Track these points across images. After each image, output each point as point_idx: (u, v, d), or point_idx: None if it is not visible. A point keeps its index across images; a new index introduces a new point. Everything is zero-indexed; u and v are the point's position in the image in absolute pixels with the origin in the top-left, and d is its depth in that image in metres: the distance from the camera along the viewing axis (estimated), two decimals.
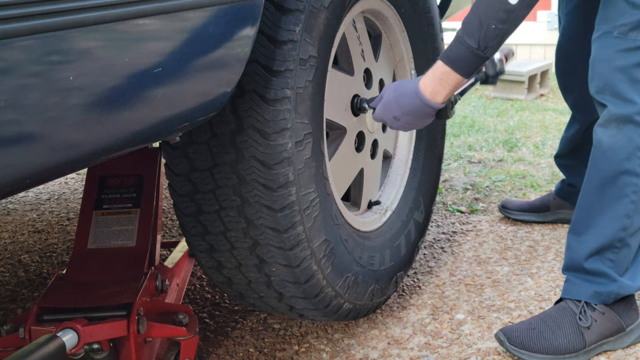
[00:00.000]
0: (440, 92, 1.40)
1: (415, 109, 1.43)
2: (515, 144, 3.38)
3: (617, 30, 1.44)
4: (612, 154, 1.47)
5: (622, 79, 1.44)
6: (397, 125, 1.47)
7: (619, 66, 1.44)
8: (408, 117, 1.44)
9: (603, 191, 1.50)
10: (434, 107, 1.41)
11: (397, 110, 1.45)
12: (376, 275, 1.56)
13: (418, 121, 1.46)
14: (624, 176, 1.47)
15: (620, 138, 1.46)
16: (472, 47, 1.32)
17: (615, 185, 1.48)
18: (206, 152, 1.28)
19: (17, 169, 0.78)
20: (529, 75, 4.61)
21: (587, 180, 1.53)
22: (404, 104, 1.43)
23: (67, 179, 3.07)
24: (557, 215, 2.29)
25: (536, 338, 1.50)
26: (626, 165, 1.46)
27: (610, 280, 1.53)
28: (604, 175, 1.49)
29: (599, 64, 1.47)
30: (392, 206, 1.75)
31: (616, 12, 1.44)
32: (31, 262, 2.16)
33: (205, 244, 1.38)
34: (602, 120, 1.48)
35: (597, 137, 1.50)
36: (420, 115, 1.44)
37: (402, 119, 1.45)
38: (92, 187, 1.50)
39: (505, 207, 2.36)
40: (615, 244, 1.51)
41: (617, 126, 1.46)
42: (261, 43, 1.21)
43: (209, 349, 1.61)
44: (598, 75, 1.48)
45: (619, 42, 1.44)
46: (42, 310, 1.26)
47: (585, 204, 1.54)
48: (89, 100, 0.83)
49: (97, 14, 0.82)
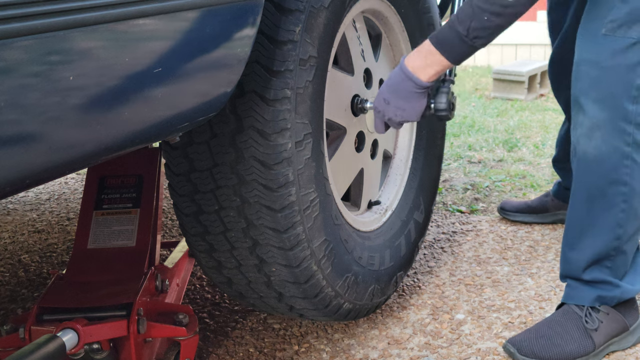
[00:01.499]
0: (422, 68, 1.36)
1: (399, 83, 1.38)
2: (515, 144, 3.38)
3: (605, 27, 1.36)
4: (598, 166, 1.42)
5: (610, 82, 1.37)
6: (389, 111, 1.42)
7: (606, 67, 1.37)
8: (396, 98, 1.40)
9: (592, 204, 1.46)
10: (417, 82, 1.37)
11: (386, 91, 1.41)
12: (376, 275, 1.56)
13: (407, 104, 1.40)
14: (612, 186, 1.42)
15: (606, 149, 1.40)
16: (461, 33, 1.29)
17: (605, 196, 1.44)
18: (206, 152, 1.28)
19: (17, 169, 0.78)
20: (529, 75, 4.61)
21: (574, 192, 1.49)
22: (391, 82, 1.40)
23: (67, 179, 3.07)
24: (557, 216, 2.29)
25: (547, 346, 1.48)
26: (613, 175, 1.41)
27: (612, 287, 1.52)
28: (591, 187, 1.45)
29: (585, 65, 1.40)
30: (392, 206, 1.75)
31: (605, 6, 1.37)
32: (31, 262, 2.16)
33: (205, 244, 1.38)
34: (584, 129, 1.42)
35: (582, 149, 1.43)
36: (406, 93, 1.38)
37: (391, 101, 1.41)
38: (92, 187, 1.50)
39: (503, 209, 2.35)
40: (610, 252, 1.49)
41: (601, 136, 1.39)
42: (261, 43, 1.21)
43: (209, 349, 1.61)
44: (584, 76, 1.41)
45: (607, 41, 1.36)
46: (42, 310, 1.26)
47: (576, 218, 1.51)
48: (89, 100, 0.84)
49: (97, 14, 0.82)
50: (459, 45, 1.31)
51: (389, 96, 1.41)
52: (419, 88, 1.38)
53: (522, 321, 1.69)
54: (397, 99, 1.40)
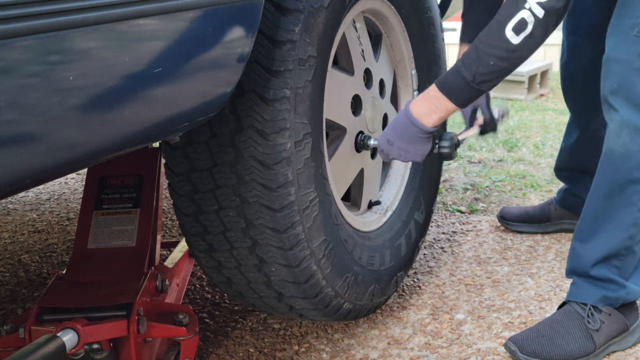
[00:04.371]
0: (427, 114, 1.38)
1: (404, 129, 1.41)
2: (515, 144, 3.38)
3: (638, 27, 1.36)
4: (622, 163, 1.43)
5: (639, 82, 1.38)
6: (393, 151, 1.44)
7: (637, 67, 1.38)
8: (400, 141, 1.42)
9: (611, 199, 1.47)
10: (421, 127, 1.39)
11: (390, 132, 1.44)
12: (376, 276, 1.56)
13: (411, 147, 1.42)
14: (632, 185, 1.44)
15: (632, 147, 1.41)
16: (467, 79, 1.31)
17: (624, 193, 1.45)
18: (206, 152, 1.28)
19: (17, 169, 0.78)
20: (529, 75, 4.61)
21: (594, 187, 1.50)
22: (395, 124, 1.43)
23: (67, 179, 3.07)
24: (560, 226, 2.21)
25: (547, 345, 1.49)
26: (636, 174, 1.43)
27: (618, 287, 1.52)
28: (612, 183, 1.46)
29: (615, 64, 1.41)
30: (392, 206, 1.75)
31: (637, 7, 1.37)
32: (31, 262, 2.16)
33: (205, 244, 1.38)
34: (613, 126, 1.43)
35: (608, 145, 1.45)
36: (410, 137, 1.41)
37: (395, 143, 1.43)
38: (92, 187, 1.50)
39: (503, 218, 2.26)
40: (621, 251, 1.49)
41: (629, 134, 1.41)
42: (260, 43, 1.21)
43: (209, 349, 1.61)
44: (613, 75, 1.42)
45: (638, 42, 1.37)
46: (42, 310, 1.26)
47: (592, 211, 1.52)
48: (89, 101, 0.84)
49: (97, 14, 0.82)
50: (466, 90, 1.33)
51: (394, 138, 1.43)
52: (423, 133, 1.40)
53: (522, 321, 1.69)
54: (401, 142, 1.43)
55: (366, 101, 1.60)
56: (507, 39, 1.26)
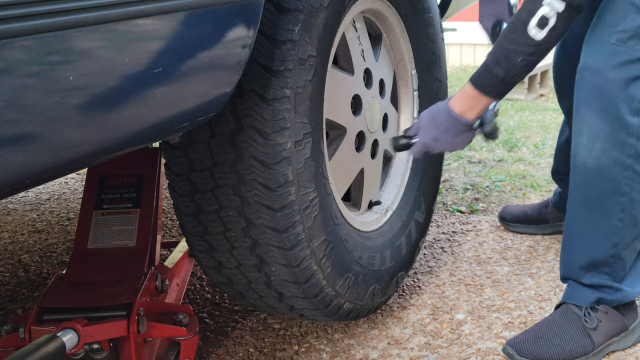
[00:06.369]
0: (470, 109, 1.44)
1: (449, 126, 1.46)
2: (515, 144, 3.38)
3: (616, 36, 1.35)
4: (597, 176, 1.42)
5: (613, 93, 1.36)
6: (440, 146, 1.50)
7: (611, 78, 1.36)
8: (446, 135, 1.48)
9: (590, 212, 1.47)
10: (466, 122, 1.45)
11: (435, 130, 1.48)
12: (377, 275, 1.56)
13: (457, 139, 1.49)
14: (611, 196, 1.42)
15: (606, 160, 1.39)
16: (500, 75, 1.37)
17: (602, 206, 1.44)
18: (206, 152, 1.28)
19: (17, 169, 0.78)
20: (529, 75, 4.61)
21: (571, 199, 1.50)
22: (439, 122, 1.47)
23: (67, 179, 3.07)
24: (557, 228, 2.20)
25: (546, 346, 1.48)
26: (612, 186, 1.41)
27: (614, 290, 1.52)
28: (589, 197, 1.45)
29: (589, 73, 1.40)
30: (392, 206, 1.75)
31: (618, 14, 1.35)
32: (31, 262, 2.16)
33: (205, 243, 1.38)
34: (584, 139, 1.42)
35: (581, 159, 1.43)
36: (456, 132, 1.47)
37: (441, 139, 1.48)
38: (92, 187, 1.50)
39: (503, 218, 2.27)
40: (607, 259, 1.49)
41: (602, 147, 1.39)
42: (260, 43, 1.21)
43: (209, 349, 1.61)
44: (586, 85, 1.40)
45: (615, 51, 1.35)
46: (42, 310, 1.27)
47: (573, 223, 1.51)
48: (89, 101, 0.84)
49: (97, 14, 0.82)
50: (500, 85, 1.39)
51: (439, 135, 1.49)
52: (468, 126, 1.47)
53: (522, 321, 1.69)
54: (449, 137, 1.49)
55: (366, 101, 1.59)
56: (532, 37, 1.31)
